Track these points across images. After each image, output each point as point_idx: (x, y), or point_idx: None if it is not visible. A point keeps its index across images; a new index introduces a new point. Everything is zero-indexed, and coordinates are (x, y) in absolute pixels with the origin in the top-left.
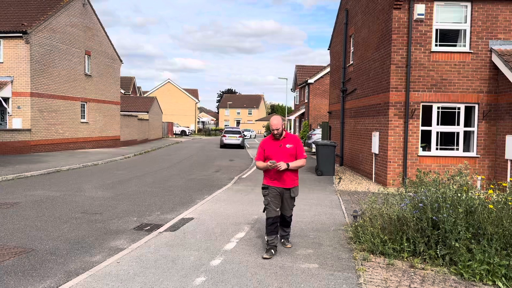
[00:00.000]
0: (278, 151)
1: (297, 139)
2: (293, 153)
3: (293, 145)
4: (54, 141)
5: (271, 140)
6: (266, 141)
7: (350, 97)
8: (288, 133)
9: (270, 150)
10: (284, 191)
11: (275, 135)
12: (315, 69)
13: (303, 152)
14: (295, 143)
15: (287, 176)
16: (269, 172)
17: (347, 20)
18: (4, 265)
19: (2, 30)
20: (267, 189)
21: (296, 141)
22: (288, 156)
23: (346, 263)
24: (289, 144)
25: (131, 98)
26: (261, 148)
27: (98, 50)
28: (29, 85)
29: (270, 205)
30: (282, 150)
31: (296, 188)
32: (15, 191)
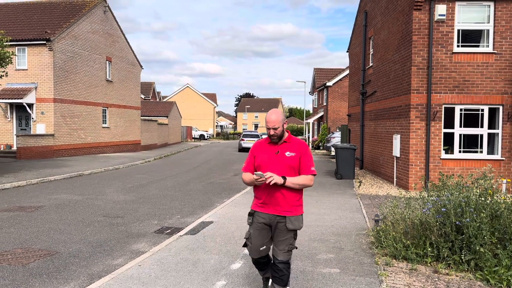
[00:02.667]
0: (273, 160)
1: (303, 146)
2: (295, 165)
3: (295, 154)
4: (77, 145)
5: (266, 144)
6: (259, 145)
7: (370, 99)
8: (293, 137)
9: (262, 157)
10: (277, 220)
11: (272, 137)
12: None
13: (311, 165)
14: (300, 151)
15: (284, 196)
16: (259, 190)
17: (366, 22)
18: (30, 267)
19: (27, 38)
20: (251, 216)
21: (301, 148)
22: (287, 168)
23: (368, 268)
24: (290, 152)
25: (151, 103)
26: (251, 155)
27: (119, 56)
28: (52, 91)
29: (250, 240)
30: (278, 159)
31: (298, 218)
32: (39, 194)
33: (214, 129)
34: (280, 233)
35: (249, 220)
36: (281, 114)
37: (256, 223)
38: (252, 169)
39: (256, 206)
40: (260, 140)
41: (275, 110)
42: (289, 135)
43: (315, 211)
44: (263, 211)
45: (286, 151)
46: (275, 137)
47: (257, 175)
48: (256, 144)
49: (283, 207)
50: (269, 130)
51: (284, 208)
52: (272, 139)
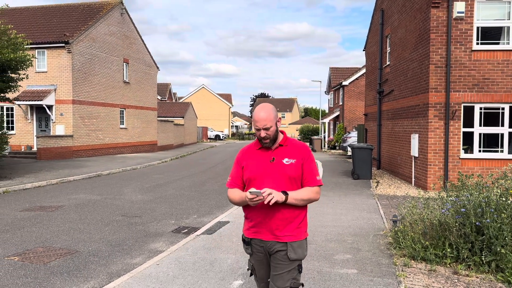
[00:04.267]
0: (268, 171)
1: (304, 149)
2: (296, 175)
3: (296, 161)
4: (95, 146)
5: (256, 150)
6: (247, 151)
7: (387, 98)
8: (290, 139)
9: (253, 168)
10: (276, 248)
11: (263, 140)
12: (349, 70)
13: (315, 173)
14: (302, 156)
15: (284, 217)
16: (252, 210)
17: (382, 20)
18: (51, 265)
19: (46, 41)
20: (249, 245)
21: (303, 153)
22: (287, 180)
23: (386, 268)
24: (289, 159)
25: (167, 104)
26: (237, 165)
27: (135, 57)
28: (71, 93)
29: (255, 273)
30: (275, 168)
31: (302, 244)
32: (59, 195)
33: (230, 130)
34: (279, 265)
35: (247, 249)
36: (272, 109)
37: (257, 254)
38: (240, 183)
39: (249, 231)
40: (248, 145)
41: (265, 105)
42: (285, 137)
43: (331, 211)
44: (257, 237)
45: (284, 158)
46: (268, 140)
47: (253, 193)
48: (244, 150)
49: (283, 230)
50: (259, 132)
51: (284, 231)
52: (264, 144)
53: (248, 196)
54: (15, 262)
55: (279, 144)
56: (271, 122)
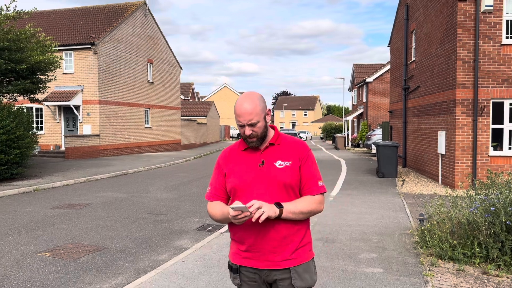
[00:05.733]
0: (256, 177)
1: (301, 147)
2: (292, 181)
3: (291, 163)
4: (121, 145)
5: (241, 151)
6: (229, 154)
7: (412, 95)
8: (284, 136)
9: (237, 174)
10: (276, 276)
11: (249, 139)
12: (373, 67)
13: (317, 177)
14: (299, 156)
15: (280, 236)
16: (239, 229)
17: (407, 15)
18: (80, 261)
19: (73, 43)
20: (237, 274)
21: (300, 152)
22: (280, 188)
23: (412, 268)
24: (282, 161)
25: (190, 103)
26: (218, 171)
27: (159, 58)
28: (97, 93)
29: None
30: (265, 174)
31: (309, 267)
32: (87, 193)
33: None
34: None
35: (234, 279)
36: (259, 100)
37: (249, 284)
38: (223, 194)
39: (237, 255)
40: (231, 145)
41: (250, 93)
42: (277, 133)
43: (356, 210)
44: (250, 264)
45: (276, 160)
46: (255, 139)
47: (236, 209)
48: (225, 152)
49: (281, 253)
50: (243, 129)
51: (284, 255)
52: (250, 143)
53: (231, 213)
54: (47, 258)
55: (269, 143)
56: (258, 116)
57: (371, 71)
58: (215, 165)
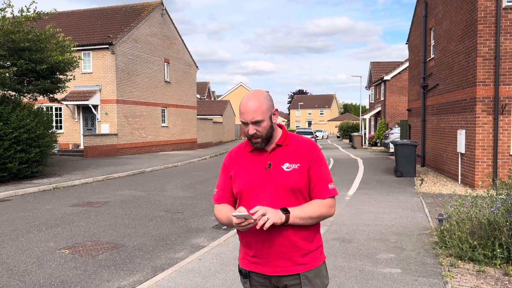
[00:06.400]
0: (262, 181)
1: (311, 148)
2: (300, 184)
3: (299, 165)
4: (138, 144)
5: (247, 153)
6: (235, 155)
7: (431, 93)
8: (292, 135)
9: (243, 177)
10: (285, 281)
11: (253, 139)
12: (391, 65)
13: (327, 180)
14: (308, 157)
15: (289, 241)
16: (245, 233)
17: (426, 12)
18: (99, 258)
19: (91, 43)
20: (247, 279)
21: (309, 153)
22: (288, 192)
23: (431, 268)
24: (290, 163)
25: (206, 102)
26: (224, 173)
27: (176, 57)
28: (115, 92)
29: None
30: (271, 177)
31: (320, 272)
32: (105, 191)
33: None
34: None
35: (245, 283)
36: (265, 98)
37: None
38: (229, 197)
39: (246, 260)
40: (237, 146)
41: (256, 92)
42: (285, 133)
43: (373, 209)
44: (259, 270)
45: (284, 162)
46: (259, 140)
47: (238, 216)
48: (231, 153)
49: (290, 259)
50: (247, 128)
51: (293, 260)
52: (254, 144)
53: (234, 221)
54: (66, 255)
55: (276, 144)
56: (263, 115)
57: (389, 69)
58: (221, 167)
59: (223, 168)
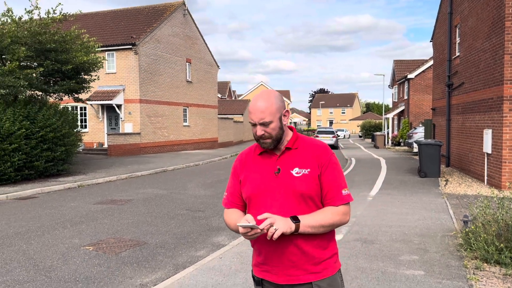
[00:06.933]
0: (271, 187)
1: (323, 151)
2: (311, 191)
3: (310, 170)
4: (160, 143)
5: (256, 156)
6: (245, 159)
7: (457, 91)
8: (303, 138)
9: (252, 182)
10: None
11: (262, 140)
12: (415, 63)
13: (341, 185)
14: (320, 161)
15: (300, 250)
16: (255, 241)
17: (451, 9)
18: (122, 255)
19: (115, 43)
20: (259, 287)
21: (321, 157)
22: (298, 199)
23: (456, 271)
24: (300, 168)
25: (227, 101)
26: (234, 176)
27: (197, 57)
28: (138, 92)
29: None
30: (280, 183)
31: (334, 281)
32: (128, 189)
33: None
34: None
35: None
36: (275, 98)
37: None
38: (239, 201)
39: (257, 268)
40: (248, 148)
41: (266, 91)
42: (295, 135)
43: (396, 210)
44: (269, 278)
45: (293, 167)
46: (268, 141)
47: (244, 227)
48: (242, 156)
49: (302, 267)
50: (255, 128)
51: (305, 269)
52: (263, 145)
53: (240, 231)
54: (90, 252)
55: (285, 148)
56: (272, 116)
57: (412, 67)
58: (231, 170)
59: (233, 172)
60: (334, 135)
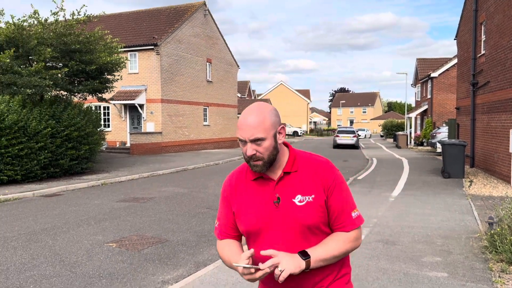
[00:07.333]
0: (272, 219)
1: (326, 171)
2: (318, 220)
3: (315, 196)
4: (181, 142)
5: (250, 181)
6: (236, 183)
7: (482, 90)
8: (302, 156)
9: (248, 214)
10: None
11: (252, 161)
12: (438, 61)
13: (350, 207)
14: (324, 185)
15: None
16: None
17: (476, 6)
18: (144, 252)
19: (137, 44)
20: None
21: (325, 179)
22: (304, 231)
23: (480, 273)
24: (302, 195)
25: (247, 101)
26: (225, 203)
27: (218, 57)
28: (160, 92)
29: None
30: (282, 214)
31: None
32: (150, 187)
33: (308, 126)
34: None
35: None
36: (269, 113)
37: None
38: (233, 232)
39: None
40: (237, 170)
41: (258, 104)
42: (292, 154)
43: (419, 211)
44: None
45: (295, 194)
46: (259, 163)
47: (246, 268)
48: (231, 182)
49: None
50: (245, 146)
51: None
52: (253, 167)
53: (239, 271)
54: (113, 248)
55: (283, 172)
56: (265, 132)
57: (436, 66)
58: (220, 196)
59: (223, 198)
60: (355, 135)
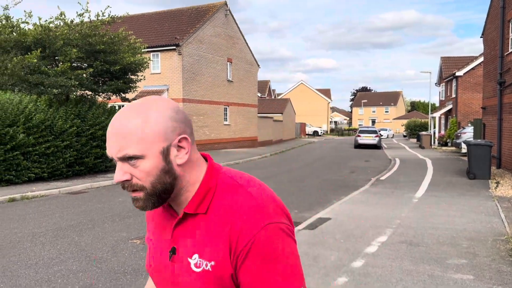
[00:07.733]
0: (165, 272)
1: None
2: None
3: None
4: (202, 141)
5: (162, 211)
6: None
7: (509, 89)
8: (227, 187)
9: (149, 251)
10: None
11: (129, 191)
12: (464, 60)
13: None
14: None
15: None
16: None
17: (504, 3)
18: None
19: (159, 44)
20: None
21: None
22: None
23: (508, 277)
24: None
25: (267, 100)
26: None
27: (238, 57)
28: (181, 92)
29: None
30: (176, 274)
31: None
32: None
33: (328, 125)
34: None
35: None
36: (155, 113)
37: None
38: None
39: None
40: None
41: (138, 102)
42: (207, 182)
43: (443, 213)
44: None
45: (192, 253)
46: (139, 195)
47: None
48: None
49: None
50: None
51: None
52: (134, 203)
53: None
54: (137, 245)
55: (184, 212)
56: (142, 146)
57: (461, 64)
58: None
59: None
60: (377, 135)
